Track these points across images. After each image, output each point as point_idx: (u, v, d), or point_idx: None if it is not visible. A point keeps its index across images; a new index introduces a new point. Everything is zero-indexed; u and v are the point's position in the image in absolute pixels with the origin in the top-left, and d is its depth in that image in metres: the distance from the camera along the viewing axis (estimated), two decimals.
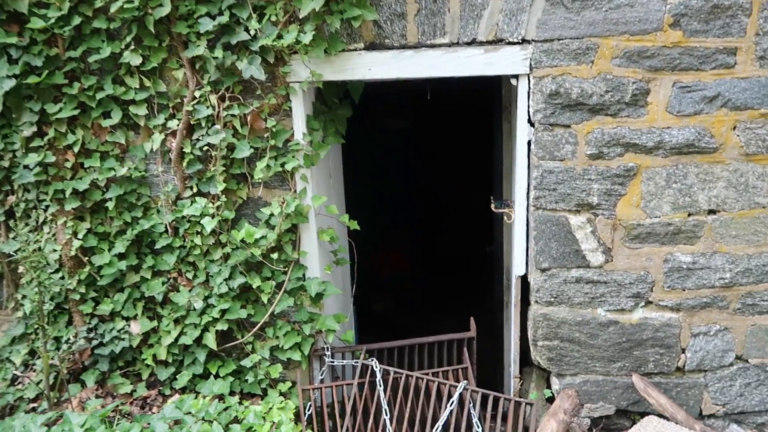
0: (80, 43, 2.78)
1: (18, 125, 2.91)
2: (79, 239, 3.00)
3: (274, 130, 2.77)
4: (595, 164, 2.53)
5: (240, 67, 2.65)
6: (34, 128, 2.90)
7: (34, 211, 3.11)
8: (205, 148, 2.82)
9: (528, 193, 2.70)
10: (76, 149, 2.92)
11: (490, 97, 3.78)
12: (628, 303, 2.68)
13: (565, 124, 2.51)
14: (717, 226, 2.54)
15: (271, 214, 2.82)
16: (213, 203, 2.89)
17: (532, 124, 2.58)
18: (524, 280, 2.87)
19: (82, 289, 3.08)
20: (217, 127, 2.77)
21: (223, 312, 2.95)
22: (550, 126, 2.53)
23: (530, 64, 2.47)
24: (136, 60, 2.73)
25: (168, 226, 2.98)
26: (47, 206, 3.03)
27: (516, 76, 2.55)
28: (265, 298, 2.91)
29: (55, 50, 2.78)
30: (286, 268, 2.94)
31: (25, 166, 2.96)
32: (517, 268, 2.82)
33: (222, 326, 2.96)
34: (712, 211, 2.53)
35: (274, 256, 2.84)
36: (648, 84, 2.39)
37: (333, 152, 3.43)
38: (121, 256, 3.03)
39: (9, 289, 3.29)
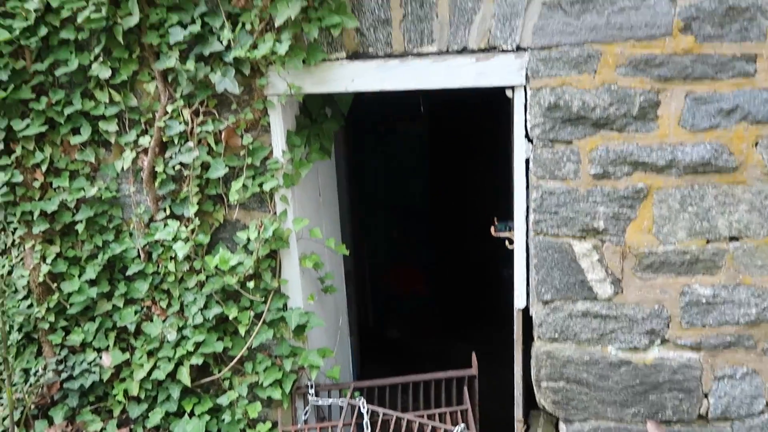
0: (48, 55, 2.81)
1: None
2: (47, 264, 3.01)
3: (250, 147, 2.75)
4: (601, 185, 2.43)
5: (213, 80, 2.64)
6: (1, 146, 2.94)
7: (2, 233, 3.14)
8: (178, 167, 2.81)
9: (527, 216, 2.61)
10: (44, 168, 2.94)
11: (502, 105, 3.66)
12: (642, 340, 2.55)
13: (566, 140, 2.42)
14: (740, 254, 2.41)
15: (249, 239, 2.79)
16: (186, 226, 2.87)
17: (530, 140, 2.50)
18: (527, 313, 2.77)
19: (52, 318, 3.08)
20: (190, 144, 2.76)
21: (198, 344, 2.92)
22: (549, 142, 2.45)
23: (526, 74, 2.41)
24: (105, 73, 2.74)
25: (140, 251, 2.97)
26: (15, 229, 3.05)
27: (511, 88, 2.49)
28: (242, 330, 2.87)
29: (22, 63, 2.82)
30: (265, 298, 2.90)
31: None
32: (518, 299, 2.73)
33: (197, 360, 2.92)
34: (733, 238, 2.41)
35: (252, 284, 2.80)
36: (657, 95, 2.30)
37: (324, 168, 3.40)
38: (92, 283, 3.02)
39: None
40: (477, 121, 5.87)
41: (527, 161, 2.54)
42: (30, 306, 3.12)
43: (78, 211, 2.98)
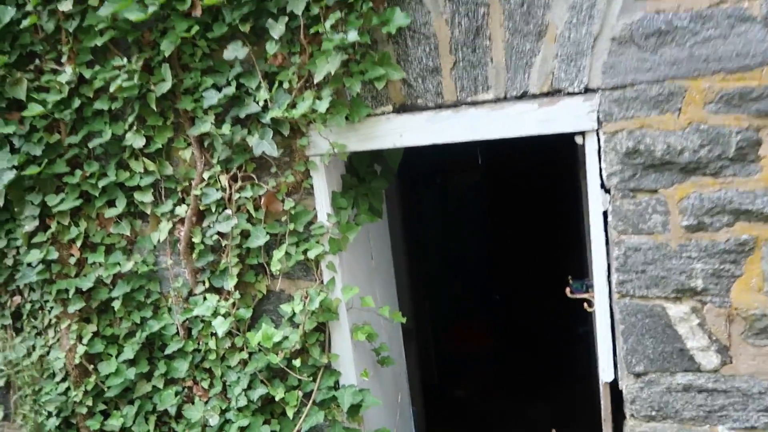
0: (82, 127, 2.78)
1: (20, 219, 2.92)
2: (84, 344, 2.92)
3: (293, 212, 2.60)
4: (696, 238, 2.15)
5: (250, 143, 2.52)
6: (36, 222, 2.89)
7: (40, 312, 3.08)
8: (216, 237, 2.69)
9: (609, 275, 2.35)
10: (79, 243, 2.88)
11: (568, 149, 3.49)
12: (760, 419, 2.21)
13: (651, 189, 2.17)
14: None
15: (294, 312, 2.61)
16: (227, 300, 2.72)
17: (607, 191, 2.26)
18: (615, 386, 2.47)
19: (89, 402, 2.99)
20: (228, 212, 2.64)
21: (243, 429, 2.73)
22: (630, 192, 2.20)
23: (598, 118, 2.18)
24: (139, 142, 2.68)
25: (180, 327, 2.85)
26: (51, 308, 2.99)
27: (581, 133, 2.26)
28: (290, 413, 2.67)
29: (57, 136, 2.79)
30: (314, 376, 2.70)
31: (28, 264, 2.94)
32: (604, 372, 2.43)
33: None
34: None
35: (299, 361, 2.60)
36: (758, 133, 2.03)
37: (376, 228, 3.23)
38: (131, 363, 2.92)
39: (17, 400, 3.24)
40: (539, 167, 5.74)
41: (605, 214, 2.29)
42: (67, 390, 3.02)
43: (114, 287, 2.88)
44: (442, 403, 5.33)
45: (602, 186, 2.27)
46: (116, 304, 2.87)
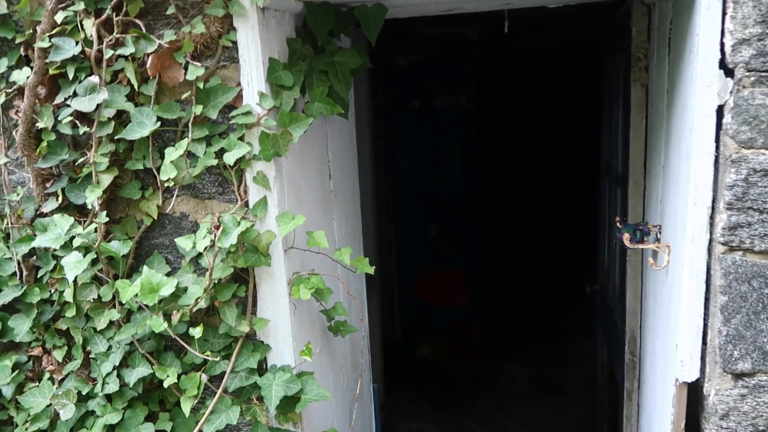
0: None
1: None
2: None
3: (202, 85, 1.76)
4: None
5: None
6: None
7: None
8: (75, 120, 1.83)
9: (712, 216, 1.60)
10: None
11: (592, 55, 2.93)
12: None
13: None
14: None
15: (198, 251, 1.79)
16: (94, 225, 1.89)
17: (728, 72, 1.49)
18: (692, 389, 1.76)
19: None
20: (94, 79, 1.77)
21: (113, 428, 1.95)
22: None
23: None
24: None
25: (21, 265, 2.01)
26: None
27: None
28: (186, 406, 1.88)
29: None
30: (228, 351, 1.91)
31: None
32: (684, 366, 1.71)
33: None
34: None
35: (198, 330, 1.79)
36: None
37: (339, 137, 2.43)
38: None
39: None
40: (541, 85, 5.21)
41: (719, 112, 1.52)
42: None
43: None
44: (405, 361, 5.18)
45: (722, 64, 1.49)
46: None
